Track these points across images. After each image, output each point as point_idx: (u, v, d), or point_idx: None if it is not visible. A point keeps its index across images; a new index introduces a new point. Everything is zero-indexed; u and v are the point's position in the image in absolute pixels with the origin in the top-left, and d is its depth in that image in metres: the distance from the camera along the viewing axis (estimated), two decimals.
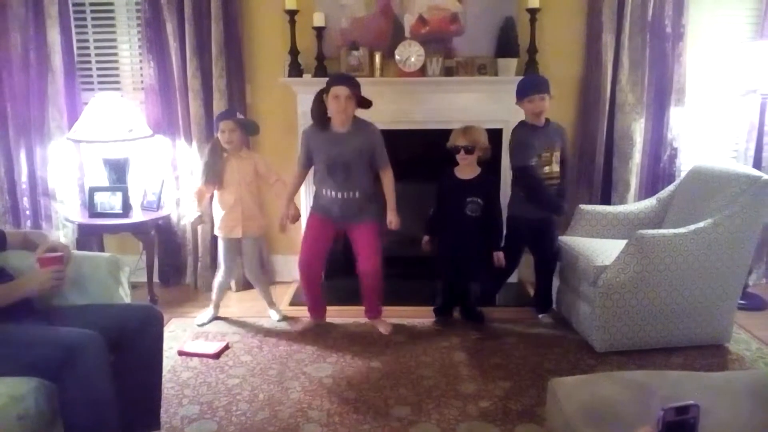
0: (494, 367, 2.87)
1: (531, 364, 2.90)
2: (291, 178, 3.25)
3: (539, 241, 3.28)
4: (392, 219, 3.14)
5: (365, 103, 3.03)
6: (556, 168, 3.22)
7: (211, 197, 3.34)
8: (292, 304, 3.65)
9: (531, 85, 3.18)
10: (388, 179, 3.15)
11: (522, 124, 3.24)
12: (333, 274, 3.89)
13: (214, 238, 3.54)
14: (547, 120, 3.22)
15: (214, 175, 3.21)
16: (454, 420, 2.44)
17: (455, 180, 3.15)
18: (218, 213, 3.30)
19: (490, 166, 3.23)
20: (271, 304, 3.47)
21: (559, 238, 3.34)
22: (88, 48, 3.86)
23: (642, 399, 1.64)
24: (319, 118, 3.04)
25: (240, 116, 3.29)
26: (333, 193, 3.08)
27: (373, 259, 3.13)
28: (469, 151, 3.07)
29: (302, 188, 3.42)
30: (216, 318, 3.42)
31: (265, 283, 3.51)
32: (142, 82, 3.82)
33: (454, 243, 3.18)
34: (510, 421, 2.42)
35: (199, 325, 3.33)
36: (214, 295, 3.41)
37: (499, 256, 3.18)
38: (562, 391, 1.75)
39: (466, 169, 3.14)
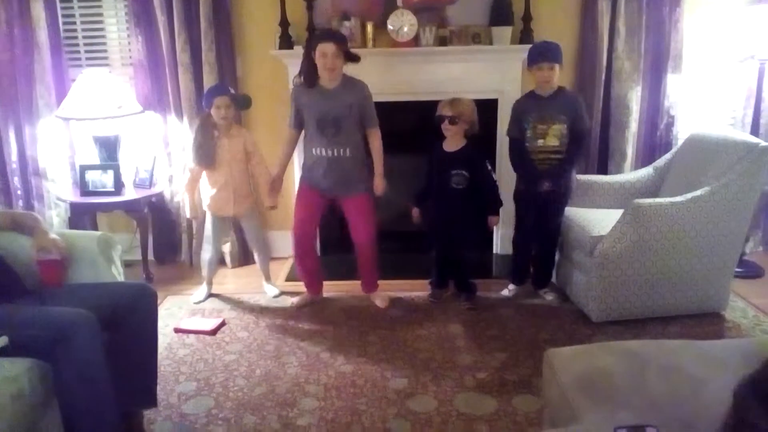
0: (490, 339, 2.88)
1: (527, 335, 2.90)
2: (283, 143, 3.19)
3: (541, 214, 3.21)
4: (378, 184, 3.07)
5: (353, 58, 2.98)
6: (553, 142, 3.07)
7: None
8: (288, 279, 3.65)
9: (539, 53, 3.04)
10: (376, 141, 3.08)
11: (527, 94, 3.18)
12: (329, 248, 3.89)
13: None
14: (560, 89, 3.10)
15: (207, 155, 3.16)
16: (451, 391, 2.45)
17: (441, 153, 3.12)
18: (207, 190, 3.27)
19: (483, 136, 3.18)
20: (268, 277, 3.47)
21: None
22: (74, 23, 3.79)
23: (638, 369, 1.64)
24: (308, 75, 2.98)
25: (232, 91, 3.24)
26: (322, 150, 3.01)
27: (366, 229, 3.11)
28: (452, 121, 3.02)
29: (294, 157, 3.38)
30: (211, 295, 3.41)
31: (267, 255, 3.50)
32: (130, 57, 3.75)
33: (440, 215, 3.16)
34: (506, 391, 2.43)
35: (195, 303, 3.33)
36: (204, 272, 3.40)
37: (492, 220, 3.15)
38: (558, 361, 1.75)
39: (452, 141, 3.10)
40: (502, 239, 3.83)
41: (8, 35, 3.57)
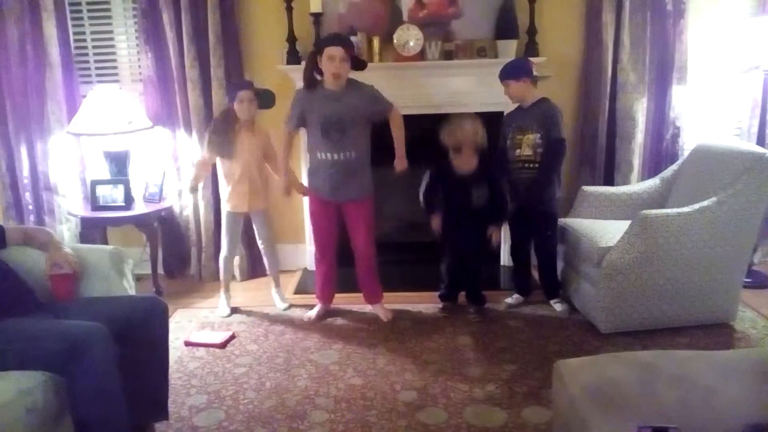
0: (499, 351, 2.88)
1: (536, 347, 2.90)
2: (281, 145, 3.18)
3: (532, 224, 3.25)
4: (398, 164, 3.09)
5: (360, 64, 2.99)
6: (527, 152, 3.13)
7: (214, 172, 3.30)
8: (296, 292, 3.67)
9: (498, 74, 3.18)
10: (396, 120, 3.09)
11: (516, 107, 3.26)
12: (338, 261, 3.90)
13: (217, 228, 3.54)
14: (540, 100, 3.16)
15: (223, 145, 3.17)
16: (461, 404, 2.45)
17: (456, 175, 3.12)
18: (224, 186, 3.29)
19: (489, 150, 3.21)
20: (278, 283, 3.48)
21: (563, 220, 3.32)
22: (85, 41, 3.85)
23: (648, 379, 1.64)
24: (310, 80, 2.99)
25: (257, 87, 3.25)
26: (327, 155, 3.00)
27: (366, 234, 3.12)
28: (457, 150, 3.06)
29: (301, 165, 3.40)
30: (233, 309, 3.40)
31: (277, 259, 3.51)
32: (140, 73, 3.80)
33: (463, 235, 3.16)
34: (516, 403, 2.43)
35: (223, 317, 3.32)
36: (222, 274, 3.39)
37: (494, 231, 3.16)
38: (567, 372, 1.75)
39: (464, 163, 3.11)
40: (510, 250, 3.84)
41: (21, 53, 3.63)
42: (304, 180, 3.38)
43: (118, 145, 3.66)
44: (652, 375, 1.65)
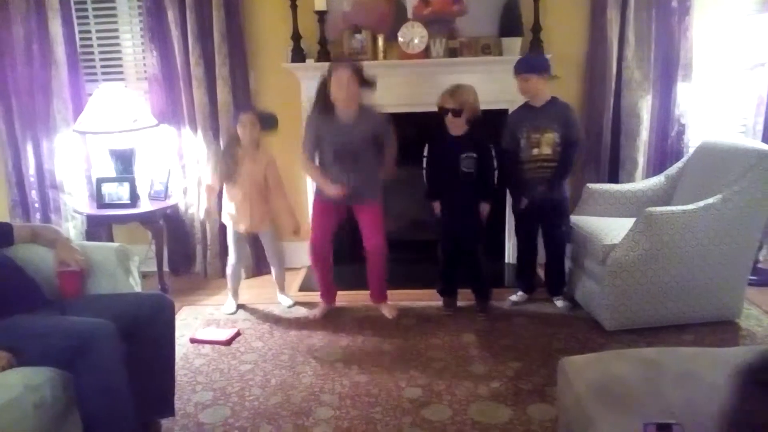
0: (504, 348, 2.88)
1: (541, 344, 2.91)
2: (306, 169, 3.24)
3: (545, 219, 3.26)
4: (387, 173, 3.16)
5: (369, 83, 3.01)
6: (546, 150, 3.12)
7: (221, 192, 3.33)
8: (301, 289, 3.68)
9: (515, 66, 3.15)
10: (391, 147, 3.16)
11: (521, 105, 3.24)
12: (341, 259, 3.90)
13: (222, 226, 3.55)
14: (552, 99, 3.16)
15: (228, 172, 3.20)
16: (466, 401, 2.45)
17: (448, 139, 3.13)
18: (227, 204, 3.30)
19: (490, 138, 3.22)
20: (282, 289, 3.50)
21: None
22: (90, 39, 3.86)
23: (653, 376, 1.64)
24: (323, 105, 3.02)
25: (259, 110, 3.27)
26: (338, 176, 3.07)
27: (378, 237, 3.14)
28: (456, 113, 3.05)
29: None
30: (239, 306, 3.43)
31: (283, 269, 3.53)
32: (145, 71, 3.81)
33: (452, 205, 3.17)
34: (521, 400, 2.44)
35: (228, 314, 3.34)
36: (230, 284, 3.42)
37: (485, 208, 3.17)
38: (572, 369, 1.75)
39: (455, 129, 3.12)
40: (514, 248, 3.84)
41: (26, 51, 3.65)
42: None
43: (124, 143, 3.67)
44: (657, 372, 1.65)
